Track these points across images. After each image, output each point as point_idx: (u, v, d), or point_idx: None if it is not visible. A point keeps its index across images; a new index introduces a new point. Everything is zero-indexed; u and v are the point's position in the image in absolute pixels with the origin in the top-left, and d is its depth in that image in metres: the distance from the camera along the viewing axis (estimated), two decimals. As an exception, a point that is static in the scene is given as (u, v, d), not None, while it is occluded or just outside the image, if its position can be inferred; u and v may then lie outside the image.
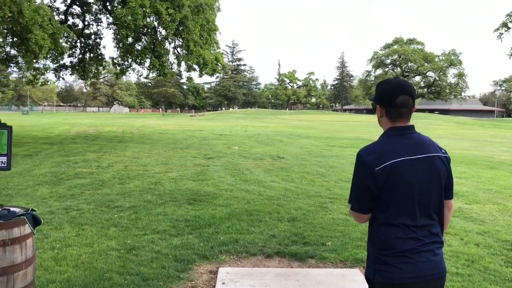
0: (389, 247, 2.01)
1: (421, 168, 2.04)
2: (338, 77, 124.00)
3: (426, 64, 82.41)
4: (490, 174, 11.60)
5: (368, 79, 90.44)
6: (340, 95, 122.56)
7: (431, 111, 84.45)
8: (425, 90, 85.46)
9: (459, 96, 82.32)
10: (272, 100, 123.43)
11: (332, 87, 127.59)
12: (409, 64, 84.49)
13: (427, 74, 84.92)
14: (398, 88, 2.10)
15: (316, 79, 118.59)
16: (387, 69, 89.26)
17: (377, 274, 2.03)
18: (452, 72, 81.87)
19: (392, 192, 2.01)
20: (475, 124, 52.91)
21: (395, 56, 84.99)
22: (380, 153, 2.03)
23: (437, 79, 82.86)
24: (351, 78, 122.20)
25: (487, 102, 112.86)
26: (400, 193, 2.01)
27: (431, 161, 2.08)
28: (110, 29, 21.91)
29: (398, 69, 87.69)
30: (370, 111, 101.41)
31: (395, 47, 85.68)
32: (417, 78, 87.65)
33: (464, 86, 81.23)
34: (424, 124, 48.73)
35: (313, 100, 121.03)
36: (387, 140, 2.09)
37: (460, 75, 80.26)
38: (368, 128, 38.56)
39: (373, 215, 2.11)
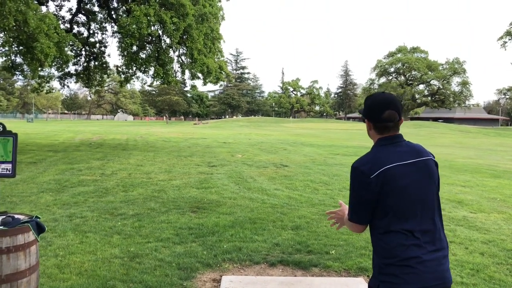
0: (392, 255, 2.00)
1: (415, 172, 2.07)
2: (342, 85, 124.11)
3: (430, 73, 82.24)
4: (494, 183, 11.55)
5: (372, 87, 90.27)
6: (343, 103, 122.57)
7: (435, 119, 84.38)
8: (429, 98, 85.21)
9: (463, 105, 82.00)
10: (276, 108, 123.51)
11: (336, 95, 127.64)
12: (413, 72, 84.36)
13: (431, 82, 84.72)
14: (384, 104, 2.13)
15: (320, 87, 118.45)
16: (390, 77, 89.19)
17: (381, 285, 2.02)
18: (456, 80, 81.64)
19: (389, 198, 2.02)
20: (479, 132, 52.79)
21: (399, 65, 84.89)
22: (373, 162, 2.06)
23: (441, 87, 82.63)
24: (355, 87, 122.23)
25: (492, 111, 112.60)
26: (397, 198, 2.02)
27: (426, 164, 2.12)
28: (114, 37, 22.13)
29: (402, 77, 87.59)
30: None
31: (399, 55, 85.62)
32: (421, 87, 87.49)
33: (468, 95, 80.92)
34: (428, 132, 48.64)
35: (317, 108, 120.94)
36: (379, 150, 2.13)
37: (464, 84, 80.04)
38: (372, 137, 38.49)
39: (373, 224, 2.11)
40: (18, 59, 17.65)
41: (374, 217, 2.08)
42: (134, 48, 18.32)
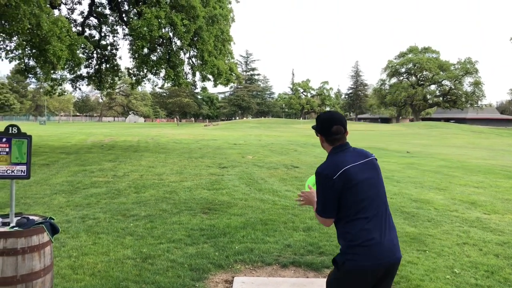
0: (356, 238, 2.43)
1: (367, 170, 2.55)
2: (353, 86, 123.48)
3: (441, 73, 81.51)
4: (508, 183, 11.41)
5: (383, 88, 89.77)
6: (354, 104, 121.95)
7: (447, 120, 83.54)
8: (441, 98, 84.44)
9: (476, 105, 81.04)
10: (286, 110, 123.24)
11: (347, 96, 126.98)
12: (424, 72, 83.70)
13: (442, 82, 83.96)
14: (331, 120, 2.62)
15: (330, 88, 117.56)
16: (401, 77, 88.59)
17: (346, 262, 2.43)
18: (468, 80, 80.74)
19: (350, 193, 2.45)
20: (492, 133, 52.15)
21: (410, 65, 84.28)
22: (333, 166, 2.49)
23: (453, 87, 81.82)
24: (366, 87, 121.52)
25: (504, 111, 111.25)
26: (356, 192, 2.46)
27: (373, 163, 2.62)
28: (126, 40, 22.25)
29: (413, 77, 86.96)
30: (384, 120, 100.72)
31: (410, 55, 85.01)
32: (433, 87, 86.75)
33: (480, 95, 79.97)
34: (439, 133, 48.20)
35: (327, 109, 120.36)
36: (335, 156, 2.57)
37: (476, 84, 79.16)
38: (383, 137, 38.28)
39: (340, 215, 2.51)
40: (31, 62, 17.85)
41: (340, 209, 2.49)
42: (145, 50, 18.43)
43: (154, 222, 6.63)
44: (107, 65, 22.93)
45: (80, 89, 25.60)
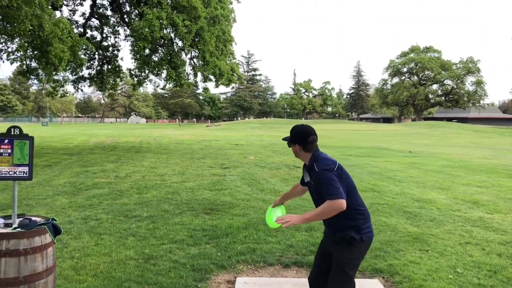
0: (364, 216, 3.06)
1: (343, 165, 3.13)
2: (354, 86, 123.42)
3: (443, 72, 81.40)
4: (511, 183, 11.38)
5: (385, 87, 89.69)
6: (356, 104, 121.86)
7: (449, 119, 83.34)
8: (443, 98, 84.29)
9: (478, 104, 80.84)
10: (288, 110, 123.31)
11: (348, 96, 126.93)
12: (426, 72, 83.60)
13: (444, 82, 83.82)
14: (307, 131, 3.13)
15: (332, 88, 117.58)
16: (403, 77, 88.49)
17: (363, 236, 2.99)
18: (470, 79, 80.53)
19: (347, 181, 3.02)
20: (494, 132, 52.03)
21: (412, 64, 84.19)
22: (330, 161, 3.03)
23: (455, 87, 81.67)
24: (367, 87, 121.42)
25: (507, 110, 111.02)
26: (349, 180, 3.05)
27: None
28: (127, 41, 22.32)
29: (415, 77, 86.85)
30: (386, 120, 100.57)
31: (412, 55, 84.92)
32: (434, 86, 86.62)
33: (482, 94, 79.76)
34: (441, 132, 48.12)
35: (329, 109, 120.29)
36: (320, 156, 3.08)
37: (478, 83, 78.97)
38: (385, 137, 38.23)
39: (348, 200, 2.93)
40: (33, 64, 17.88)
41: (347, 196, 2.95)
42: (147, 51, 18.43)
43: (156, 223, 6.64)
44: (109, 66, 22.97)
45: (82, 90, 25.57)
